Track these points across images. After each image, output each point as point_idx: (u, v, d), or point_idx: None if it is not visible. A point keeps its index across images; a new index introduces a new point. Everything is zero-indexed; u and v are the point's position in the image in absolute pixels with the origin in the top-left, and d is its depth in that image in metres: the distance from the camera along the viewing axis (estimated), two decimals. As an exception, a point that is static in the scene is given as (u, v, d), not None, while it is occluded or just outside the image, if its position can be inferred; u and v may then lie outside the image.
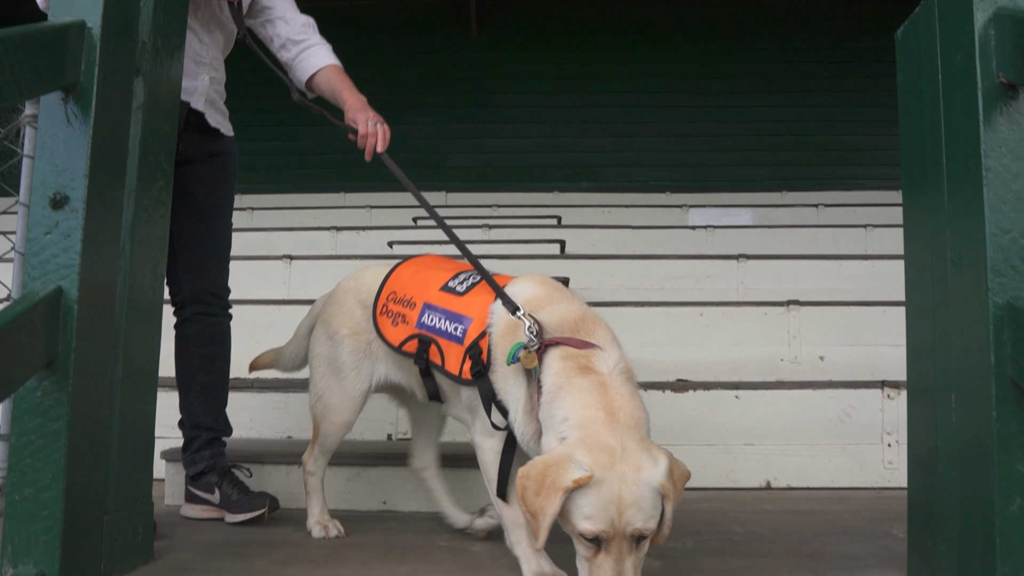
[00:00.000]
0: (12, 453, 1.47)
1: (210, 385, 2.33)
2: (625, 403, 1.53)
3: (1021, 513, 1.34)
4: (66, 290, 1.48)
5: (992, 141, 1.43)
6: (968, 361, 1.44)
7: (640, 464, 1.42)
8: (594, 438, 1.45)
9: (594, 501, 1.39)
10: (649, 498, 1.41)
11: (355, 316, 2.10)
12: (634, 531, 1.39)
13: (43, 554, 1.44)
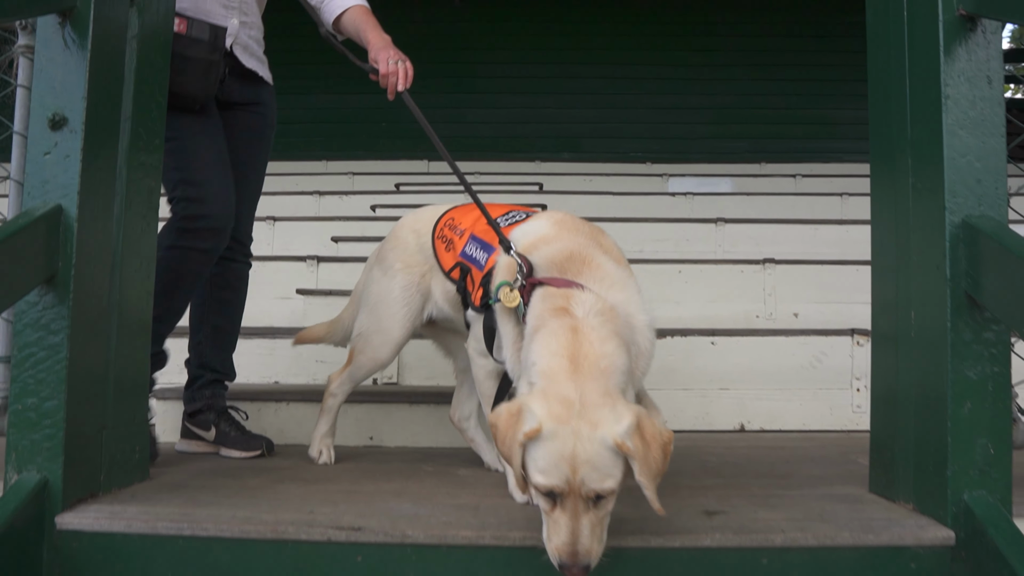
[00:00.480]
0: (15, 365, 1.52)
1: (221, 328, 2.38)
2: (593, 350, 1.42)
3: (970, 416, 1.44)
4: (66, 208, 1.53)
5: (951, 71, 1.52)
6: (926, 278, 1.53)
7: (599, 420, 1.32)
8: (555, 389, 1.37)
9: (547, 455, 1.31)
10: (605, 456, 1.30)
11: (409, 248, 2.12)
12: (589, 491, 1.29)
13: (46, 461, 1.50)
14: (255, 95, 2.40)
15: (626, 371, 1.47)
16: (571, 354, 1.41)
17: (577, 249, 1.67)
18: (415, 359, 3.08)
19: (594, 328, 1.46)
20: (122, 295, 1.68)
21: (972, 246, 1.43)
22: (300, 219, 5.15)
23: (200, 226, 2.12)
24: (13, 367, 1.53)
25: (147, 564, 1.46)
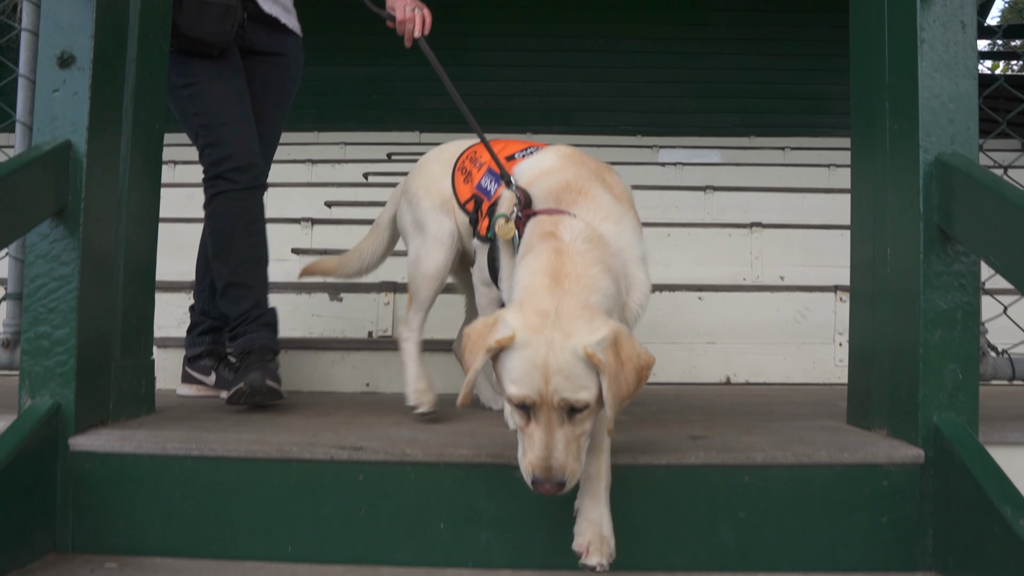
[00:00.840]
0: (27, 295, 1.58)
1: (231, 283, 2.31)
2: (575, 269, 1.39)
3: (940, 343, 1.52)
4: (75, 144, 1.59)
5: (927, 16, 1.58)
6: (902, 215, 1.60)
7: (572, 331, 1.28)
8: (531, 302, 1.35)
9: (519, 365, 1.28)
10: (579, 365, 1.27)
11: (433, 175, 2.10)
12: (562, 401, 1.26)
13: (59, 386, 1.57)
14: (279, 45, 2.40)
15: (611, 296, 1.43)
16: (553, 272, 1.39)
17: (575, 180, 1.63)
18: (408, 315, 3.14)
19: (579, 252, 1.43)
20: (128, 232, 1.74)
21: (944, 182, 1.51)
22: (293, 185, 5.20)
23: (226, 168, 2.17)
24: (26, 297, 1.58)
25: (157, 483, 1.53)
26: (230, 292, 2.21)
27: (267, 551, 1.51)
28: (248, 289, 2.21)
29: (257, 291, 2.23)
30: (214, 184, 2.21)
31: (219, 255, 2.24)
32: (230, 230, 2.22)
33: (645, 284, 1.60)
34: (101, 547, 1.54)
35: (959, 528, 1.41)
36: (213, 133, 2.17)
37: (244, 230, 2.23)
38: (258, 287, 2.24)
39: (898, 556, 1.50)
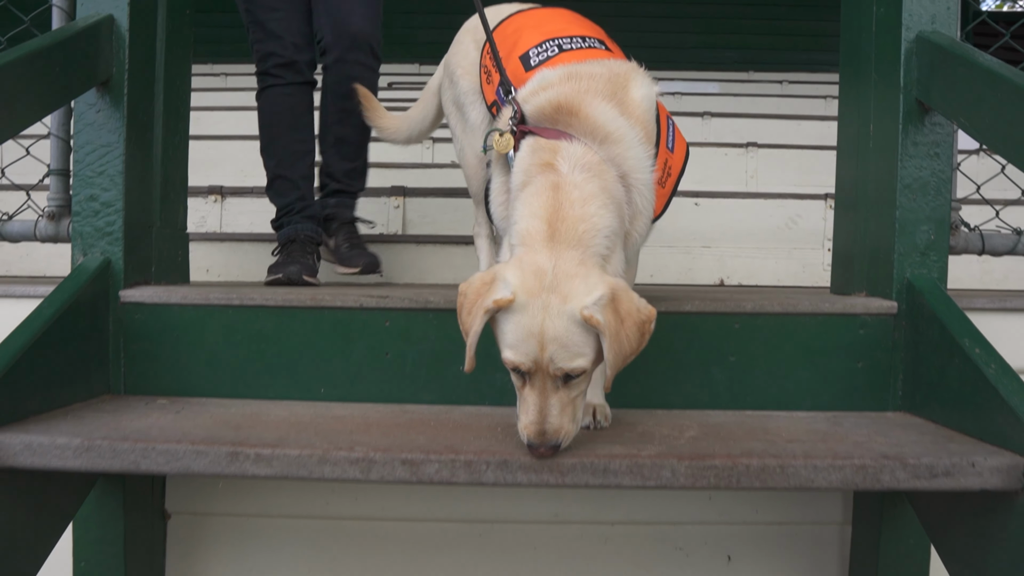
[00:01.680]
0: (76, 161, 1.72)
1: (343, 138, 2.44)
2: (573, 212, 1.33)
3: (914, 205, 1.68)
4: (117, 19, 1.70)
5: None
6: (885, 90, 1.73)
7: (570, 293, 1.25)
8: (530, 258, 1.30)
9: (515, 330, 1.25)
10: (575, 332, 1.24)
11: (470, 55, 1.96)
12: (557, 370, 1.24)
13: (108, 244, 1.71)
14: None
15: (611, 233, 1.38)
16: (549, 216, 1.33)
17: (572, 97, 1.48)
18: (418, 216, 3.28)
19: (577, 186, 1.36)
20: (165, 107, 1.86)
21: (924, 57, 1.64)
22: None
23: (271, 65, 2.26)
24: (76, 163, 1.72)
25: (200, 331, 1.69)
26: (275, 184, 2.34)
27: (302, 392, 1.68)
28: (292, 183, 2.33)
29: (301, 184, 2.34)
30: (262, 79, 2.32)
31: (266, 149, 2.35)
32: (276, 126, 2.32)
33: (648, 212, 1.52)
34: (150, 390, 1.70)
35: (925, 367, 1.57)
36: (260, 29, 2.26)
37: (289, 126, 2.33)
38: (301, 181, 2.35)
39: (872, 398, 1.67)
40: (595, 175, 1.38)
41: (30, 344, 1.42)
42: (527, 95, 1.55)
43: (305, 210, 2.34)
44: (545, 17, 1.82)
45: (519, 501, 1.85)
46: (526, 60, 1.67)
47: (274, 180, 2.35)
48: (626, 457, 1.25)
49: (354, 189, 2.49)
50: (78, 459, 1.28)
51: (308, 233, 2.32)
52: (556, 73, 1.57)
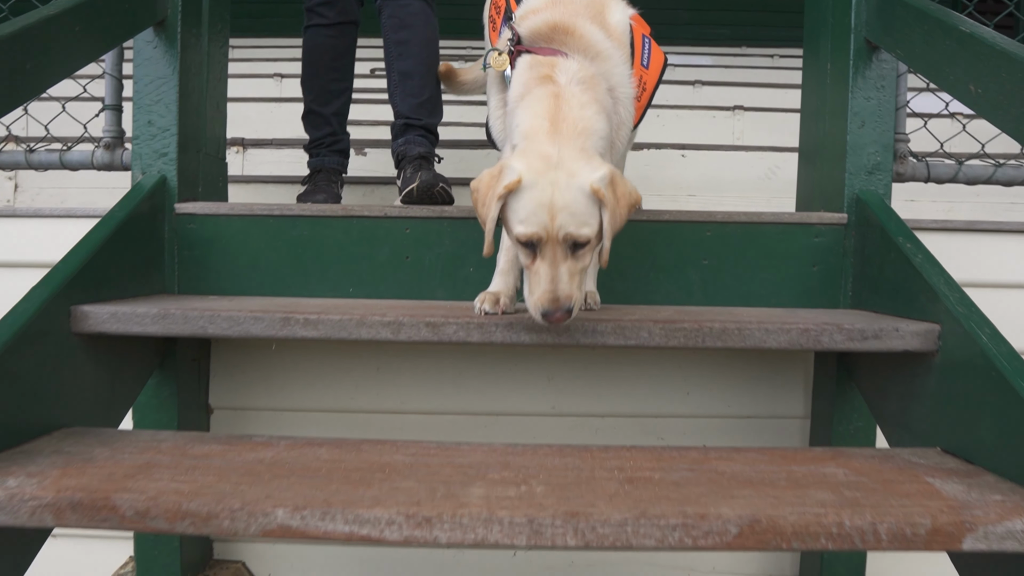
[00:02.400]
0: (136, 91, 1.97)
1: (405, 72, 2.42)
2: (573, 113, 1.47)
3: (863, 130, 1.94)
4: (172, -34, 1.95)
5: None
6: (838, 32, 1.99)
7: (576, 171, 1.39)
8: (533, 147, 1.43)
9: (526, 204, 1.38)
10: (582, 202, 1.38)
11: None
12: (567, 235, 1.37)
13: (164, 164, 1.97)
14: None
15: (605, 137, 1.52)
16: (552, 117, 1.46)
17: (566, 19, 1.65)
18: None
19: (575, 95, 1.50)
20: (208, 45, 2.11)
21: (871, 1, 1.89)
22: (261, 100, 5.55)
23: (315, 2, 2.37)
24: (135, 93, 1.97)
25: (246, 237, 1.95)
26: (309, 118, 2.48)
27: (333, 291, 1.94)
28: (324, 118, 2.47)
29: (332, 120, 2.47)
30: (307, 16, 2.43)
31: (305, 83, 2.48)
32: (315, 63, 2.44)
33: (629, 123, 1.71)
34: (201, 290, 1.97)
35: (870, 267, 1.84)
36: None
37: (328, 64, 2.44)
38: (333, 117, 2.47)
39: (825, 297, 1.94)
40: (590, 87, 1.53)
41: (106, 239, 1.68)
42: (520, 18, 1.69)
43: (334, 144, 2.49)
44: None
45: (521, 395, 2.11)
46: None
47: (308, 113, 2.49)
48: (611, 321, 1.52)
49: (424, 123, 2.41)
50: (155, 325, 1.55)
51: (334, 165, 2.49)
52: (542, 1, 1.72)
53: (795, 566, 2.21)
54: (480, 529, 1.10)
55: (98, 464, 1.28)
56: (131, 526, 1.13)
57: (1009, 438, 1.27)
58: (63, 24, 1.56)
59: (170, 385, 1.94)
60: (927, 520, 1.12)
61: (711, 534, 1.10)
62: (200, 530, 1.12)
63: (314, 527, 1.11)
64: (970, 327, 1.40)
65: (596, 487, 1.21)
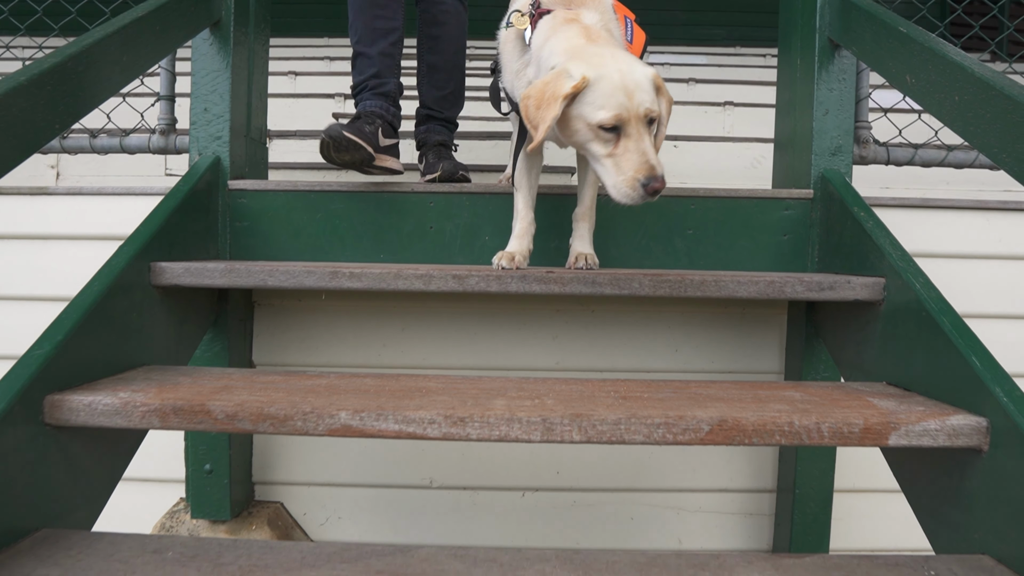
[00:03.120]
0: (194, 83, 2.25)
1: (433, 65, 2.50)
2: (607, 38, 1.66)
3: (827, 117, 2.22)
4: (225, -27, 2.24)
5: None
6: (805, 33, 2.27)
7: (631, 62, 1.51)
8: (583, 54, 1.55)
9: (602, 93, 1.47)
10: (649, 83, 1.50)
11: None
12: (646, 111, 1.47)
13: (219, 146, 2.25)
14: None
15: None
16: (587, 37, 1.62)
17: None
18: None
19: (602, 33, 1.68)
20: (254, 44, 2.39)
21: (834, 4, 2.18)
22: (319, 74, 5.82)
23: None
24: (193, 84, 2.25)
25: (289, 210, 2.23)
26: (356, 61, 2.38)
27: (365, 257, 2.23)
28: (369, 59, 2.34)
29: (378, 61, 2.34)
30: None
31: (350, 26, 2.37)
32: (360, 2, 2.36)
33: None
34: (249, 257, 2.25)
35: (832, 236, 2.13)
36: None
37: (372, 2, 2.34)
38: (379, 57, 2.34)
39: (795, 262, 2.23)
40: (611, 33, 1.72)
41: (175, 209, 1.96)
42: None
43: (379, 87, 2.35)
44: None
45: (529, 352, 2.40)
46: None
47: (355, 57, 2.38)
48: (608, 274, 1.81)
49: (445, 116, 2.51)
50: (223, 278, 1.83)
51: (373, 108, 2.34)
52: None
53: (772, 506, 2.49)
54: (503, 427, 1.38)
55: (185, 386, 1.56)
56: (222, 427, 1.42)
57: (934, 365, 1.56)
58: (142, 27, 1.84)
59: (221, 341, 2.22)
60: (860, 421, 1.41)
61: (688, 431, 1.39)
62: (278, 430, 1.40)
63: (370, 426, 1.39)
64: (907, 278, 1.69)
65: (596, 401, 1.50)
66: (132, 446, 1.64)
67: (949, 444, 1.40)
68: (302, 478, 2.46)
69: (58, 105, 1.57)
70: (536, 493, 2.47)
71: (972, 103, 1.48)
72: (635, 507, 2.49)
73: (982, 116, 1.45)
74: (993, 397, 1.38)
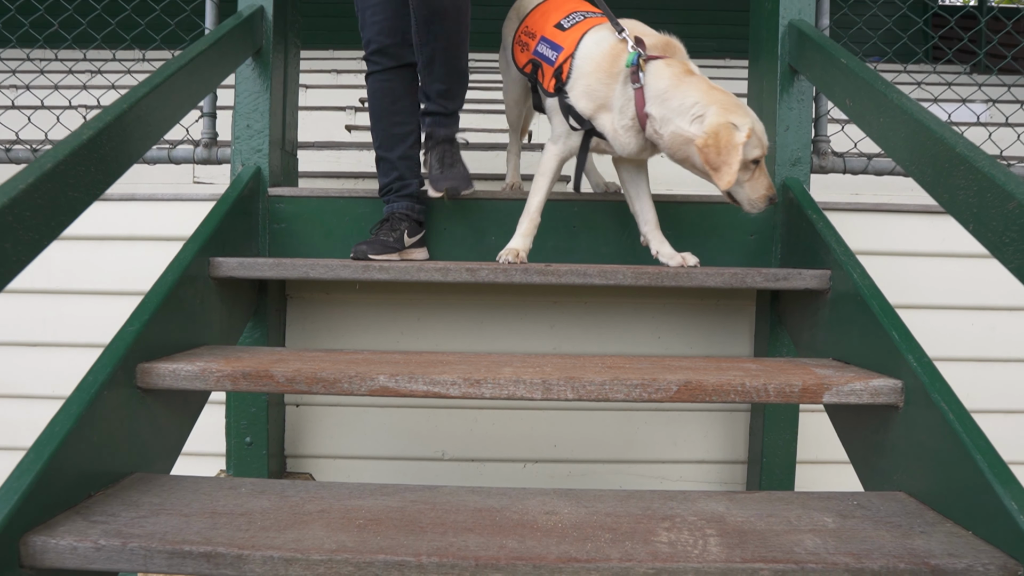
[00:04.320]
0: (238, 103, 2.58)
1: (431, 58, 2.39)
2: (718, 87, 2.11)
3: (787, 134, 2.55)
4: (266, 8, 2.57)
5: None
6: (768, 60, 2.62)
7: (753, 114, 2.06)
8: (730, 105, 2.03)
9: (755, 141, 2.04)
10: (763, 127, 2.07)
11: (514, 27, 2.57)
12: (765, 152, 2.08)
13: (260, 158, 2.58)
14: None
15: None
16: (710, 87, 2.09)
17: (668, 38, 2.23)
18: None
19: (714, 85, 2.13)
20: (287, 68, 2.73)
21: (793, 36, 2.52)
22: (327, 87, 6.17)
23: (369, 52, 2.39)
24: (236, 104, 2.58)
25: (321, 213, 2.56)
26: (380, 165, 2.49)
27: (388, 255, 2.55)
28: (390, 163, 2.46)
29: (399, 165, 2.46)
30: (367, 64, 2.44)
31: (372, 129, 2.49)
32: (377, 109, 2.46)
33: None
34: (285, 254, 2.58)
35: (791, 235, 2.46)
36: (360, 15, 2.40)
37: (388, 109, 2.45)
38: (399, 161, 2.46)
39: (761, 259, 2.56)
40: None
41: (226, 212, 2.29)
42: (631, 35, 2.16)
43: (403, 190, 2.47)
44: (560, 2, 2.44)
45: (530, 339, 2.73)
46: (559, 26, 2.31)
47: (378, 161, 2.50)
48: (596, 266, 2.14)
49: (447, 110, 2.51)
50: (272, 271, 2.16)
51: (402, 211, 2.46)
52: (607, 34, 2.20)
53: (744, 476, 2.83)
54: (511, 387, 1.72)
55: (247, 359, 1.89)
56: (283, 389, 1.75)
57: (865, 340, 1.90)
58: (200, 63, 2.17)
59: (261, 328, 2.55)
60: (800, 383, 1.74)
61: (660, 390, 1.72)
62: (329, 390, 1.73)
63: (404, 387, 1.72)
64: (848, 270, 2.02)
65: (587, 369, 1.83)
66: (198, 409, 1.98)
67: (872, 402, 1.74)
68: (329, 452, 2.79)
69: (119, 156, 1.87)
70: (536, 464, 2.80)
71: (891, 124, 1.82)
72: (624, 477, 2.82)
73: (898, 135, 1.79)
74: (907, 363, 1.71)
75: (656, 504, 1.60)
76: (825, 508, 1.61)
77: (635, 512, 1.55)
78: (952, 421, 1.54)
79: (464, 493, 1.65)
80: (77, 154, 1.57)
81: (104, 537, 1.35)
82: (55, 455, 1.42)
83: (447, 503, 1.59)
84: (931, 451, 1.60)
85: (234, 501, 1.57)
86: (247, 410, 2.54)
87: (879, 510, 1.60)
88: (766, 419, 2.57)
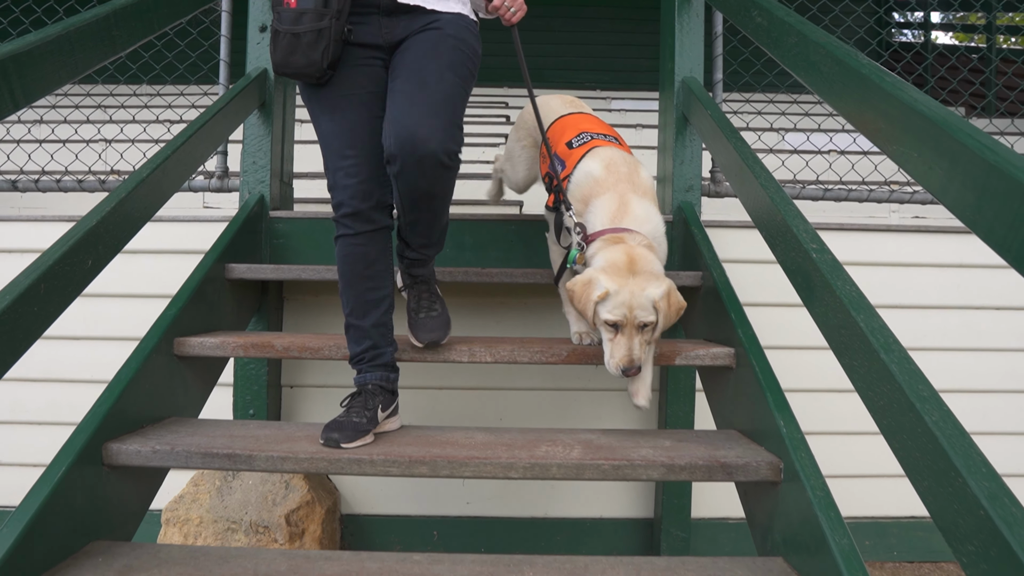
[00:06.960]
0: (245, 145, 3.24)
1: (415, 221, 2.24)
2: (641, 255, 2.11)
3: (681, 167, 3.21)
4: (268, 70, 3.24)
5: (683, 23, 3.26)
6: (667, 110, 3.28)
7: (645, 285, 2.05)
8: (614, 269, 2.08)
9: (613, 305, 2.04)
10: (649, 304, 2.04)
11: (528, 125, 2.87)
12: (639, 322, 2.04)
13: (263, 187, 3.24)
14: (429, 22, 2.22)
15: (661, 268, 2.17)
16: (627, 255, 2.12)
17: (621, 198, 2.25)
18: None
19: (640, 249, 2.14)
20: (284, 117, 3.39)
21: (685, 91, 3.19)
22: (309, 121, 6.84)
23: (340, 214, 2.19)
24: (244, 145, 3.24)
25: (312, 231, 3.20)
26: (350, 332, 2.28)
27: (365, 264, 3.20)
28: (363, 331, 2.27)
29: (372, 334, 2.27)
30: (336, 226, 2.23)
31: (343, 293, 2.28)
32: (348, 274, 2.25)
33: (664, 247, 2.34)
34: (283, 263, 3.22)
35: (683, 246, 3.11)
36: (330, 176, 2.20)
37: (361, 274, 2.25)
38: (372, 329, 2.27)
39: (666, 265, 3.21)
40: (647, 248, 2.18)
41: (237, 229, 2.94)
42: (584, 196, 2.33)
43: (377, 359, 2.29)
44: (579, 119, 2.63)
45: (486, 330, 3.36)
46: (569, 144, 2.49)
47: (348, 327, 2.30)
48: (523, 272, 2.80)
49: (427, 257, 2.42)
50: (273, 274, 2.81)
51: (376, 382, 2.28)
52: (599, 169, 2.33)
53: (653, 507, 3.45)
54: (504, 352, 2.36)
55: (255, 336, 2.53)
56: (279, 355, 2.40)
57: (717, 320, 2.54)
58: (224, 114, 2.83)
59: (263, 323, 3.19)
60: (658, 350, 2.39)
61: (555, 356, 2.37)
62: (315, 356, 2.38)
63: (369, 354, 2.37)
64: (712, 271, 2.67)
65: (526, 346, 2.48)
66: (217, 373, 2.61)
67: (712, 364, 2.38)
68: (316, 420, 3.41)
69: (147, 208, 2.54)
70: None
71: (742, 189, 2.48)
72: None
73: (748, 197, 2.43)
74: (737, 336, 2.35)
75: (548, 434, 2.24)
76: (669, 436, 2.25)
77: (530, 438, 2.19)
78: (759, 374, 2.17)
79: (476, 431, 2.28)
80: (140, 185, 2.23)
81: (158, 444, 1.99)
82: (121, 396, 2.06)
83: (396, 431, 2.23)
84: (749, 397, 2.22)
85: (245, 430, 2.21)
86: (250, 388, 3.17)
87: (711, 439, 2.23)
88: (668, 393, 3.20)
